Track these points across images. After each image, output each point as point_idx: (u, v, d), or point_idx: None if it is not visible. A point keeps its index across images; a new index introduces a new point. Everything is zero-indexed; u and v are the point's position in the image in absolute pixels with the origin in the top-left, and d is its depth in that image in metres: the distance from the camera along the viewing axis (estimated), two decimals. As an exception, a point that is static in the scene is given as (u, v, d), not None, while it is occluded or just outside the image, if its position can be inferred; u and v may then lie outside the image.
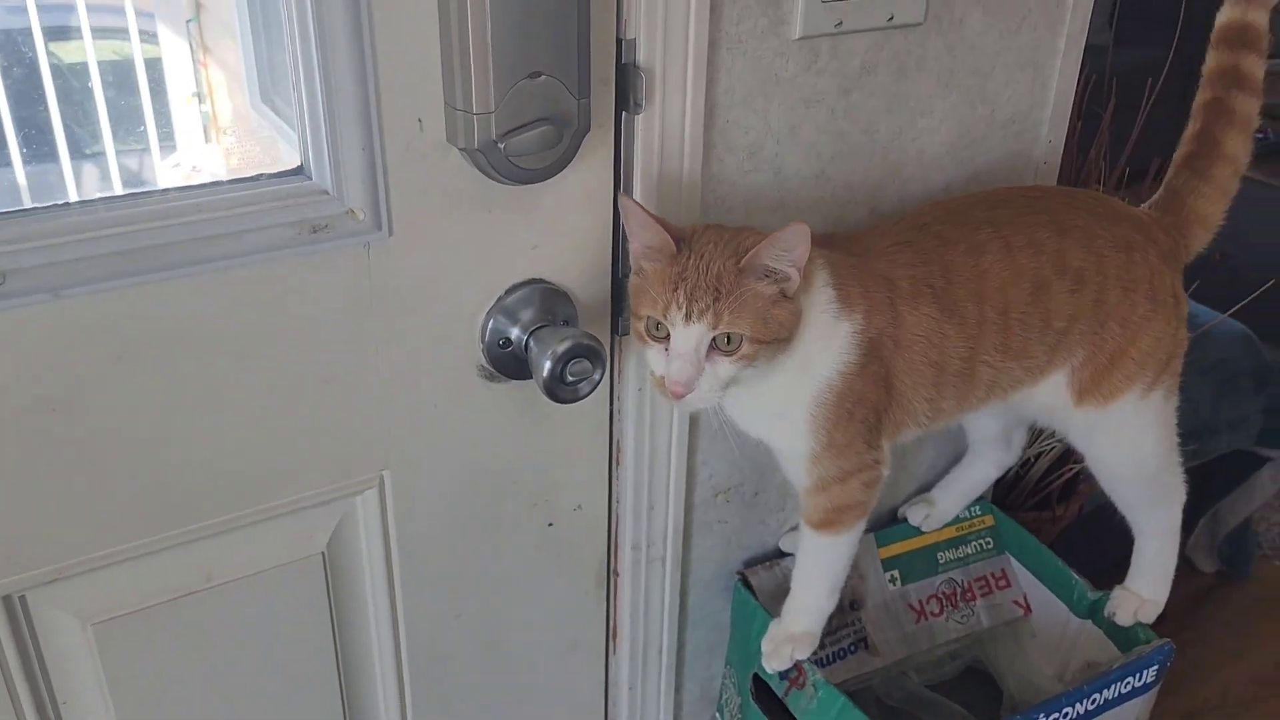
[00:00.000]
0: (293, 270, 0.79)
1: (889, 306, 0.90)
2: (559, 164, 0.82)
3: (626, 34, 0.85)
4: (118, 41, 2.87)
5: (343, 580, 0.94)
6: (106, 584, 0.83)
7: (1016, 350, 0.95)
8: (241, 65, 2.53)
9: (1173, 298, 1.01)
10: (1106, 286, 0.97)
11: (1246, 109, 1.06)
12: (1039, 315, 0.95)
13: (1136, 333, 0.99)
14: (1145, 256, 0.99)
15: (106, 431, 0.77)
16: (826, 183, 1.03)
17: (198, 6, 2.93)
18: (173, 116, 2.90)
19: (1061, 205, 1.00)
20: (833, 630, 1.17)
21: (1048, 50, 1.11)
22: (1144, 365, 1.00)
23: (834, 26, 0.95)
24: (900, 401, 0.94)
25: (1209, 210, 1.07)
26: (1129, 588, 1.16)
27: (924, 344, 0.92)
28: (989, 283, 0.93)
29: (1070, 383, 1.00)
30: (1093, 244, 0.96)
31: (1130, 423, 1.03)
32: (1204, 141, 1.06)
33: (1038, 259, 0.94)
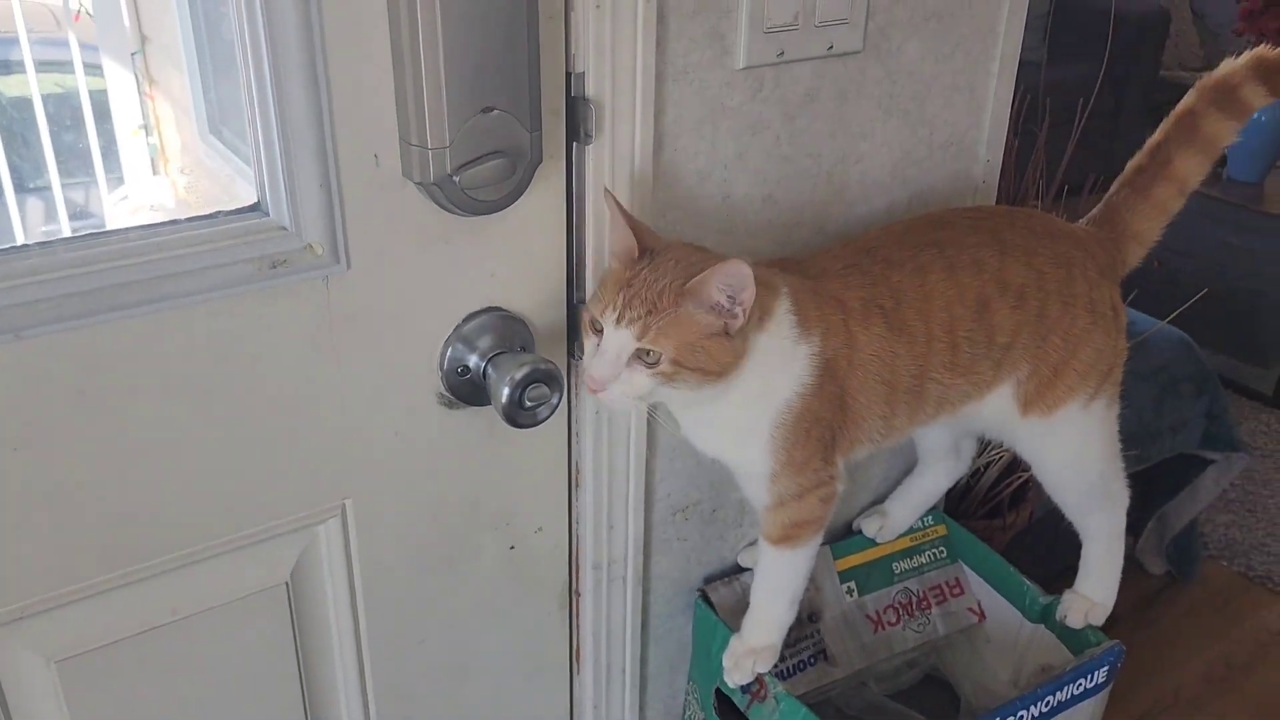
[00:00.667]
0: (253, 306, 0.80)
1: (843, 328, 0.93)
2: (513, 195, 0.85)
3: (575, 67, 0.88)
4: (61, 75, 2.85)
5: (307, 610, 0.94)
6: (70, 621, 0.83)
7: (964, 367, 0.98)
8: (189, 96, 2.53)
9: (1111, 310, 1.04)
10: (1048, 302, 1.00)
11: (1216, 131, 1.05)
12: (984, 332, 0.98)
13: (1078, 345, 1.02)
14: (1084, 271, 1.02)
15: (68, 469, 0.78)
16: (774, 206, 1.06)
17: (143, 39, 2.91)
18: (119, 149, 2.88)
19: (1002, 225, 1.03)
20: (792, 643, 1.20)
21: (982, 74, 1.15)
22: (1086, 376, 1.03)
23: (776, 56, 0.98)
24: (855, 419, 0.97)
25: (1144, 227, 1.09)
26: (1078, 591, 1.20)
27: (876, 363, 0.94)
28: (935, 302, 0.96)
29: (1015, 395, 1.03)
30: (1033, 261, 1.00)
31: (1074, 432, 1.06)
32: (1155, 157, 1.07)
33: (980, 277, 0.97)
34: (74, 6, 2.63)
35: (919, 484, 1.28)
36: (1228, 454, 2.11)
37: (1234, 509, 2.56)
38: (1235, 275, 2.89)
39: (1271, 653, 2.16)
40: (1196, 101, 1.05)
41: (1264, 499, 2.60)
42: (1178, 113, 1.06)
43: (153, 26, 2.64)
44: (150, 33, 2.69)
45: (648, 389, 0.85)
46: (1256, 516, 2.53)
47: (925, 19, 1.07)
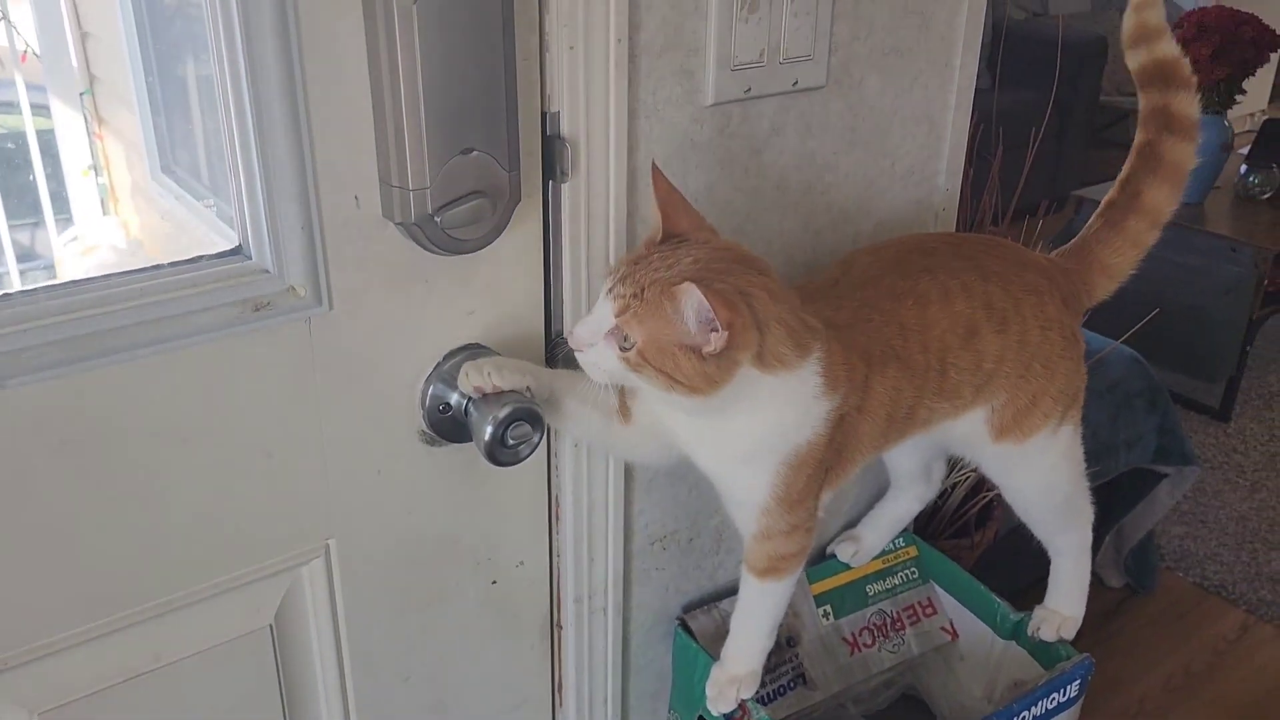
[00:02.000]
0: (236, 348, 0.81)
1: (863, 383, 0.92)
2: (492, 234, 0.86)
3: (550, 107, 0.89)
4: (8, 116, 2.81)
5: (291, 651, 0.94)
6: (53, 672, 0.82)
7: (950, 391, 0.99)
8: (140, 136, 2.50)
9: (1074, 337, 1.06)
10: (1027, 328, 1.01)
11: (1177, 156, 1.06)
12: (971, 358, 0.98)
13: (1054, 371, 1.03)
14: (1052, 299, 1.03)
15: (51, 518, 0.77)
16: (744, 237, 1.08)
17: (91, 78, 2.88)
18: (68, 190, 2.84)
19: (979, 251, 1.05)
20: (772, 668, 1.21)
21: (940, 105, 1.18)
22: (1059, 402, 1.05)
23: (743, 93, 1.01)
24: (850, 457, 0.97)
25: (1115, 260, 1.10)
26: (1048, 607, 1.22)
27: (886, 402, 0.94)
28: (933, 331, 0.96)
29: (989, 420, 1.04)
30: (1010, 288, 1.01)
31: (1043, 456, 1.08)
32: (1125, 190, 1.08)
33: (970, 303, 0.98)
34: (20, 47, 2.61)
35: (891, 508, 1.30)
36: (1180, 467, 2.17)
37: (1187, 520, 2.62)
38: (1179, 293, 2.97)
39: (1228, 660, 2.21)
40: (1146, 133, 1.08)
41: (1215, 510, 2.66)
42: (1137, 145, 1.09)
43: (101, 66, 2.63)
44: (99, 72, 2.67)
45: (614, 369, 0.82)
46: (1209, 527, 2.60)
47: (884, 55, 1.10)
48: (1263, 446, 2.94)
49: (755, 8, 0.98)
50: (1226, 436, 2.99)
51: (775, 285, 0.85)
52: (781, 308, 0.84)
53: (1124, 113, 4.78)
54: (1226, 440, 2.97)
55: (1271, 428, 3.04)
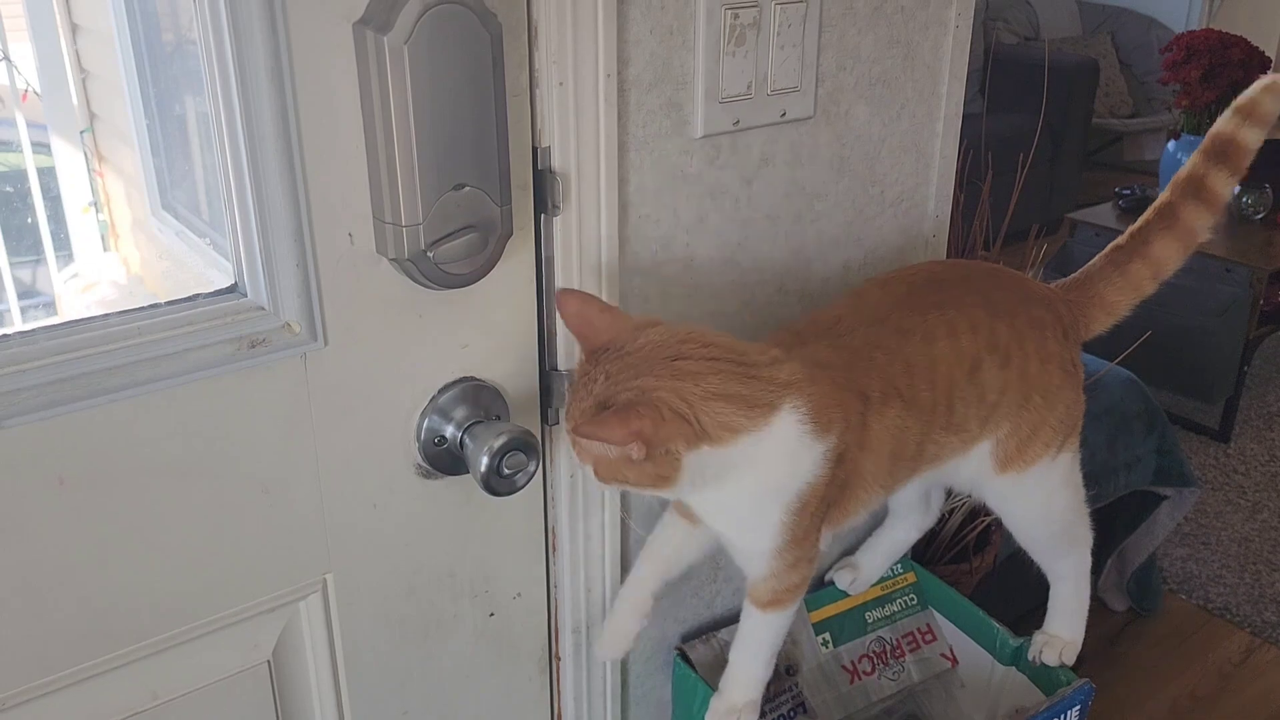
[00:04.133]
0: (233, 385, 0.81)
1: (860, 421, 0.93)
2: (485, 267, 0.87)
3: (541, 142, 0.90)
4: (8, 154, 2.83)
5: (289, 686, 0.94)
6: (49, 712, 0.82)
7: (957, 425, 1.00)
8: (140, 173, 2.53)
9: (1074, 367, 1.08)
10: (1028, 360, 1.02)
11: (1193, 221, 1.08)
12: (976, 392, 0.99)
13: (1054, 402, 1.04)
14: (1054, 333, 1.05)
15: (48, 557, 0.78)
16: (735, 267, 1.09)
17: (91, 116, 2.91)
18: (69, 227, 2.86)
19: (989, 285, 1.06)
20: (771, 697, 1.21)
21: (927, 134, 1.20)
22: (1058, 432, 1.06)
23: (732, 124, 1.02)
24: (855, 494, 0.98)
25: (1115, 299, 1.11)
26: (1049, 631, 1.22)
27: (890, 440, 0.95)
28: (940, 368, 0.97)
29: (994, 453, 1.05)
30: (1015, 323, 1.02)
31: (1044, 484, 1.09)
32: (1135, 238, 1.11)
33: (976, 339, 0.99)
34: (21, 86, 2.64)
35: (889, 536, 1.30)
36: (1180, 489, 2.17)
37: (1189, 543, 2.62)
38: (1175, 314, 2.99)
39: (1234, 683, 2.20)
40: (1173, 194, 1.10)
41: (1217, 531, 2.66)
42: (1158, 204, 1.11)
43: (101, 105, 2.65)
44: (99, 110, 2.69)
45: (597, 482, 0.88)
46: (1211, 549, 2.59)
47: (871, 85, 1.12)
48: (1263, 467, 2.94)
49: (742, 41, 0.99)
50: (1227, 457, 2.99)
51: (701, 365, 0.85)
52: (713, 381, 0.84)
53: (1116, 135, 4.82)
54: (1227, 461, 2.97)
55: (1272, 448, 3.04)
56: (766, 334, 0.99)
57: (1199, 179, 1.08)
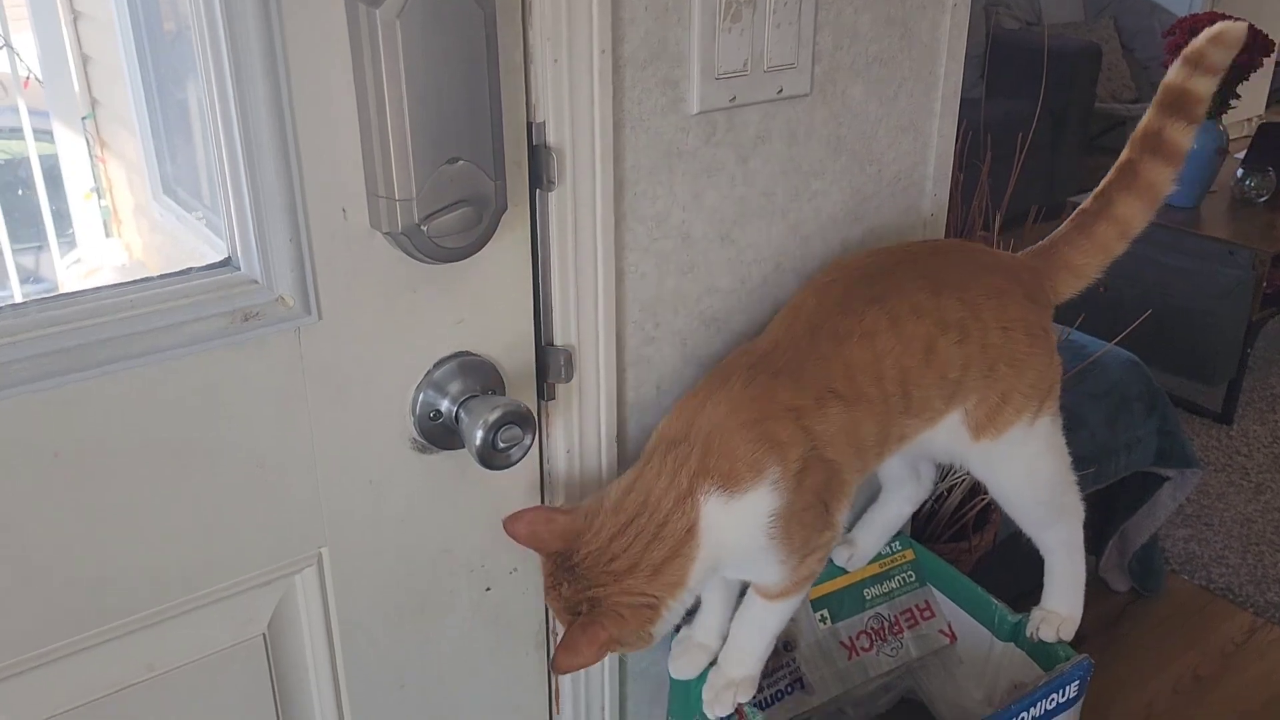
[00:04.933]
0: (226, 359, 0.81)
1: (799, 433, 0.94)
2: (479, 242, 0.87)
3: (536, 118, 0.90)
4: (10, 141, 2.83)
5: (285, 660, 0.95)
6: (45, 683, 0.82)
7: (918, 408, 1.01)
8: (141, 158, 2.53)
9: (1043, 331, 1.08)
10: (987, 331, 1.03)
11: (1154, 177, 1.09)
12: (934, 374, 1.00)
13: (1022, 369, 1.05)
14: (1014, 299, 1.05)
15: (42, 529, 0.78)
16: (732, 245, 1.09)
17: (93, 102, 2.91)
18: (71, 213, 2.86)
19: (934, 265, 1.06)
20: (769, 672, 1.21)
21: (925, 113, 1.19)
22: (1030, 397, 1.07)
23: (729, 101, 1.02)
24: (841, 480, 0.99)
25: (1081, 262, 1.13)
26: (1046, 607, 1.22)
27: (843, 436, 0.97)
28: (886, 362, 0.98)
29: (966, 422, 1.06)
30: (966, 295, 1.03)
31: (1023, 449, 1.10)
32: (1099, 199, 1.12)
33: (922, 323, 1.00)
34: (22, 73, 2.64)
35: (883, 511, 1.31)
36: (1181, 470, 2.17)
37: (1192, 524, 2.62)
38: (1177, 296, 2.98)
39: (1236, 663, 2.20)
40: (1131, 151, 1.11)
41: (1220, 512, 2.66)
42: (1119, 163, 1.12)
43: (103, 90, 2.65)
44: (100, 96, 2.69)
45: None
46: (1214, 530, 2.59)
47: (868, 63, 1.11)
48: (1266, 449, 2.94)
49: (738, 17, 0.99)
50: (1229, 439, 2.99)
51: (629, 557, 0.92)
52: (646, 559, 0.92)
53: (1119, 119, 4.79)
54: (1230, 443, 2.97)
55: (1275, 430, 3.03)
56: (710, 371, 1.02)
57: (1156, 132, 1.08)
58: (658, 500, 0.92)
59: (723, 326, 1.12)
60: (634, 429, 1.09)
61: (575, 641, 0.92)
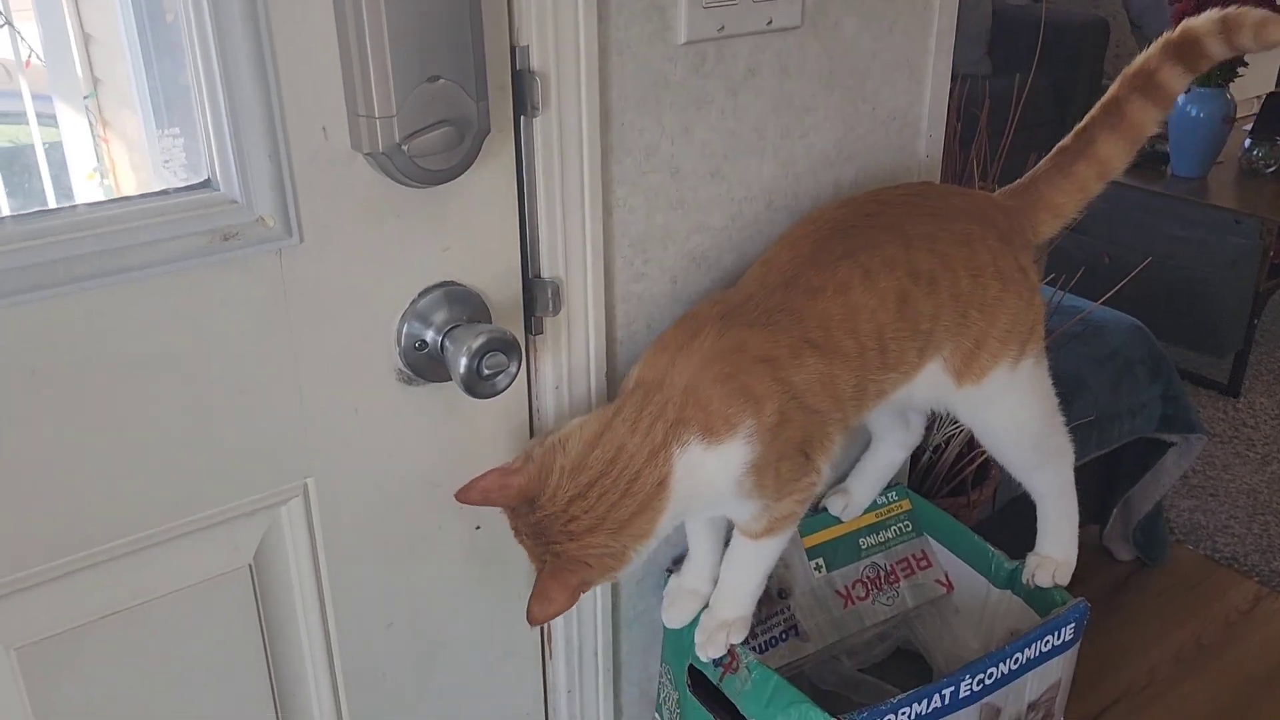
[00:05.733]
0: (206, 278, 0.81)
1: (776, 384, 0.94)
2: (462, 165, 0.86)
3: (519, 41, 0.89)
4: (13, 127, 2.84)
5: (271, 592, 0.94)
6: (28, 607, 0.82)
7: (893, 362, 1.00)
8: (143, 137, 2.53)
9: (1020, 273, 1.06)
10: (957, 279, 1.01)
11: (1140, 118, 1.07)
12: (908, 326, 0.99)
13: (994, 314, 1.04)
14: (985, 244, 1.04)
15: (22, 449, 0.77)
16: (722, 180, 1.08)
17: (95, 81, 2.91)
18: (74, 194, 2.87)
19: (900, 216, 1.04)
20: (764, 619, 1.20)
21: (919, 50, 1.18)
22: (1007, 341, 1.05)
23: (717, 31, 1.01)
24: (824, 431, 0.99)
25: (1060, 201, 1.10)
26: (1040, 552, 1.21)
27: (820, 387, 0.96)
28: (861, 315, 0.97)
29: (947, 370, 1.05)
30: (935, 245, 1.01)
31: (1008, 393, 1.08)
32: (1080, 137, 1.10)
33: (894, 274, 0.99)
34: (24, 54, 2.63)
35: (875, 459, 1.29)
36: (1186, 435, 2.15)
37: (1197, 494, 2.60)
38: (1184, 267, 2.96)
39: (1240, 631, 2.19)
40: (1120, 89, 1.09)
41: (1225, 483, 2.64)
42: (1104, 100, 1.10)
43: (105, 69, 2.64)
44: (102, 75, 2.69)
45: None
46: (1219, 500, 2.57)
47: (861, -6, 1.10)
48: (1273, 420, 2.92)
49: (726, -57, 0.97)
50: (1236, 411, 2.96)
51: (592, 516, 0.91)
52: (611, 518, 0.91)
53: (1129, 97, 4.73)
54: (1236, 415, 2.95)
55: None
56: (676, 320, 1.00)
57: (1151, 73, 1.06)
58: (629, 456, 0.91)
59: (713, 265, 1.11)
60: (624, 365, 1.08)
61: (546, 589, 0.92)
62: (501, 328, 0.89)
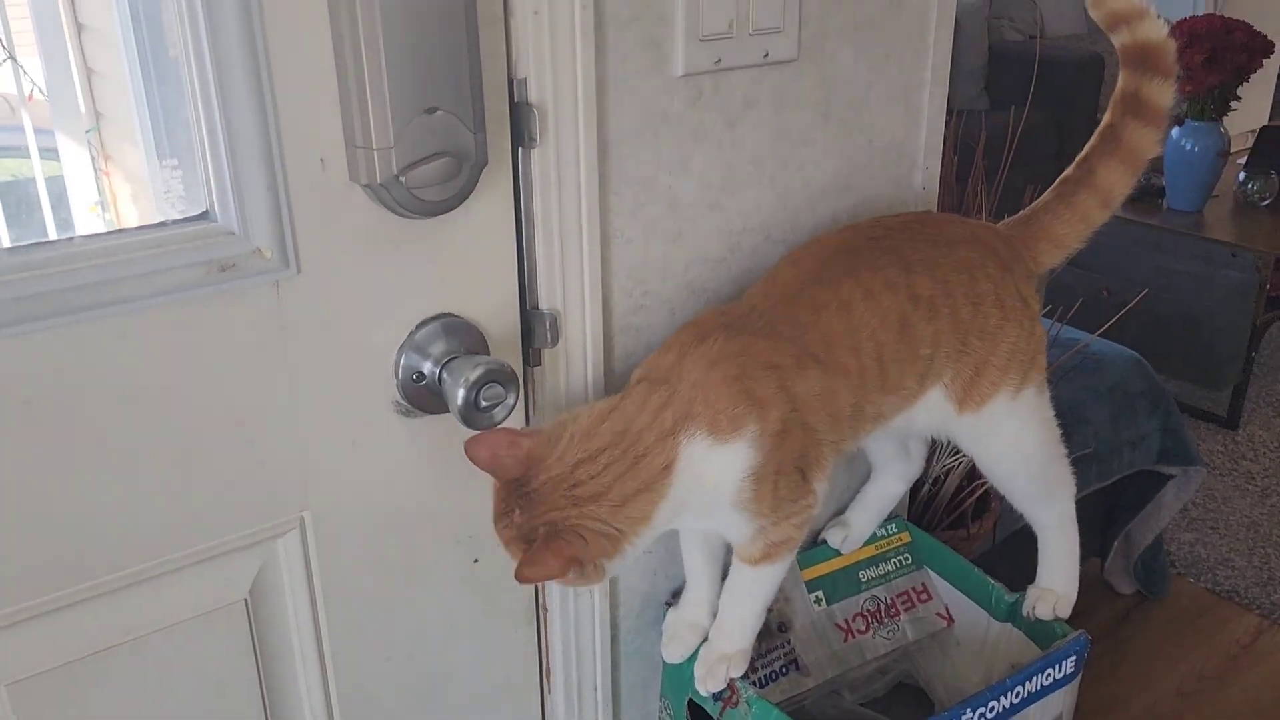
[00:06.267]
0: (203, 310, 0.81)
1: (780, 392, 0.93)
2: (459, 196, 0.86)
3: (517, 73, 0.90)
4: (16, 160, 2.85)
5: (267, 627, 0.93)
6: (20, 642, 0.81)
7: (893, 385, 1.00)
8: (145, 171, 2.54)
9: (1020, 302, 1.06)
10: (957, 306, 1.02)
11: (1137, 141, 1.08)
12: (908, 349, 1.00)
13: (994, 342, 1.04)
14: (985, 272, 1.04)
15: (16, 481, 0.77)
16: (720, 212, 1.08)
17: (97, 115, 2.92)
18: (75, 228, 2.88)
19: (902, 242, 1.05)
20: (764, 653, 1.19)
21: (915, 82, 1.19)
22: (1007, 369, 1.05)
23: (714, 64, 1.01)
24: (819, 451, 0.98)
25: (1062, 231, 1.11)
26: (1041, 585, 1.20)
27: (819, 402, 0.96)
28: (862, 333, 0.97)
29: (948, 396, 1.05)
30: (936, 272, 1.02)
31: (1008, 422, 1.08)
32: (1081, 167, 1.10)
33: (896, 297, 0.99)
34: (26, 88, 2.65)
35: (875, 491, 1.29)
36: (1185, 468, 2.14)
37: (1197, 527, 2.58)
38: (1182, 300, 2.96)
39: (1242, 664, 2.17)
40: (1113, 115, 1.10)
41: (1225, 516, 2.63)
42: (1101, 128, 1.11)
43: (107, 103, 2.66)
44: (105, 109, 2.70)
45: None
46: (1219, 533, 2.56)
47: (856, 28, 1.11)
48: (1272, 453, 2.91)
49: (722, -22, 0.98)
50: (1235, 444, 2.96)
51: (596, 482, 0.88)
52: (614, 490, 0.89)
53: (1123, 131, 4.77)
54: (1235, 447, 2.94)
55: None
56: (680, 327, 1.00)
57: (1133, 93, 1.07)
58: (638, 433, 0.89)
59: (712, 296, 1.11)
60: (622, 398, 1.07)
61: (539, 554, 0.87)
62: (499, 359, 0.89)
